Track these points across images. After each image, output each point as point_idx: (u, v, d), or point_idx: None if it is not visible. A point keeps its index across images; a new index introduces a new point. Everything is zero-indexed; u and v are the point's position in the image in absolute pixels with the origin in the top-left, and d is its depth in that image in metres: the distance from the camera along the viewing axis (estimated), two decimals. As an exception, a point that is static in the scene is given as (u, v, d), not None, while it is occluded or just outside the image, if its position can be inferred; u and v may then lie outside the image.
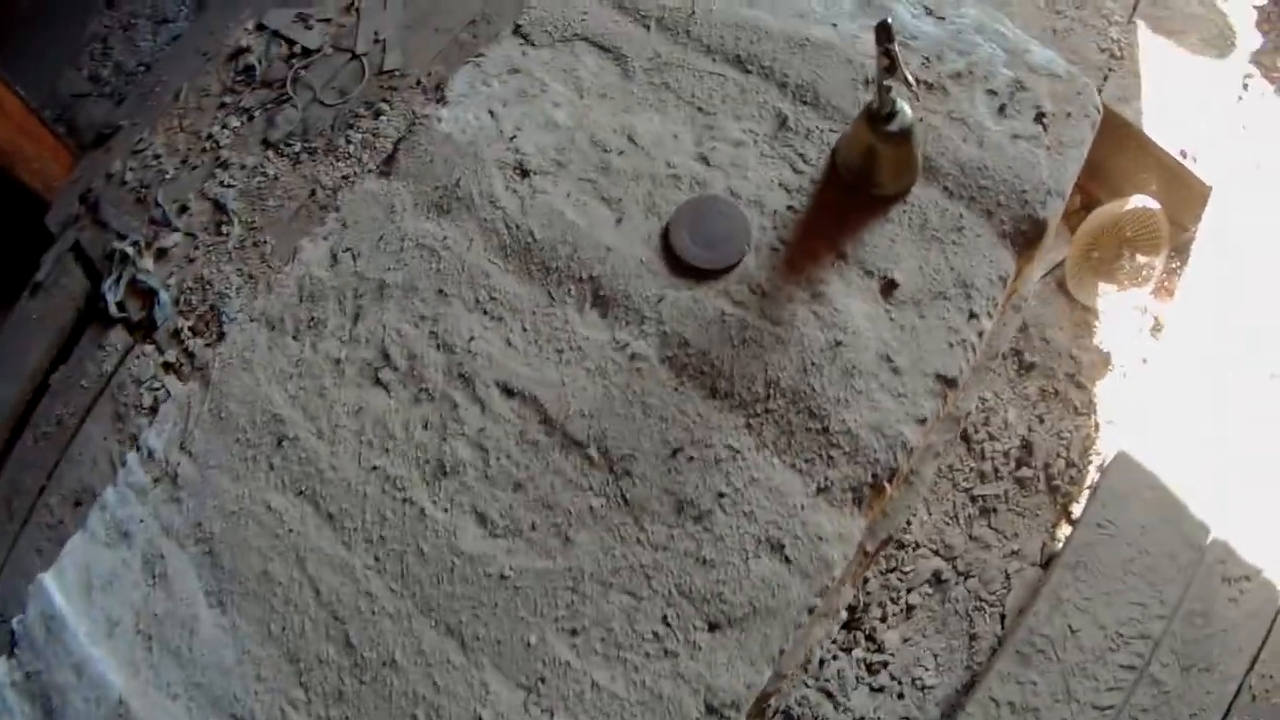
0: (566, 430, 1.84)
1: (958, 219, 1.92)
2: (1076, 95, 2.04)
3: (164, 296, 3.44)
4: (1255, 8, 3.24)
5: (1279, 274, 2.86)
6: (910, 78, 1.72)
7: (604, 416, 1.84)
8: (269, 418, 1.93)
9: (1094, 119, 2.04)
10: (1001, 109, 2.02)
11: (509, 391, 1.88)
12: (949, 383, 1.81)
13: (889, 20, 1.62)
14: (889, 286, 1.88)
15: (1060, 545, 2.69)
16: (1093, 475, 2.84)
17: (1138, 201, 2.99)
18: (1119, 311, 3.10)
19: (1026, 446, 2.89)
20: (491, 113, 2.15)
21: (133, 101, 4.11)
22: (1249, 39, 3.21)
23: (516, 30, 2.26)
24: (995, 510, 2.83)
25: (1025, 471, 2.87)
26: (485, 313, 1.95)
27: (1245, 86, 3.20)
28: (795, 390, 1.81)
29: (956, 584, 2.75)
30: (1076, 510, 2.78)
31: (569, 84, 2.18)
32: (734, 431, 1.80)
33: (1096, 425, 2.94)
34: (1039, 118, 2.01)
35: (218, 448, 1.93)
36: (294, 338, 2.01)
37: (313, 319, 2.02)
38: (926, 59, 2.07)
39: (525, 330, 1.93)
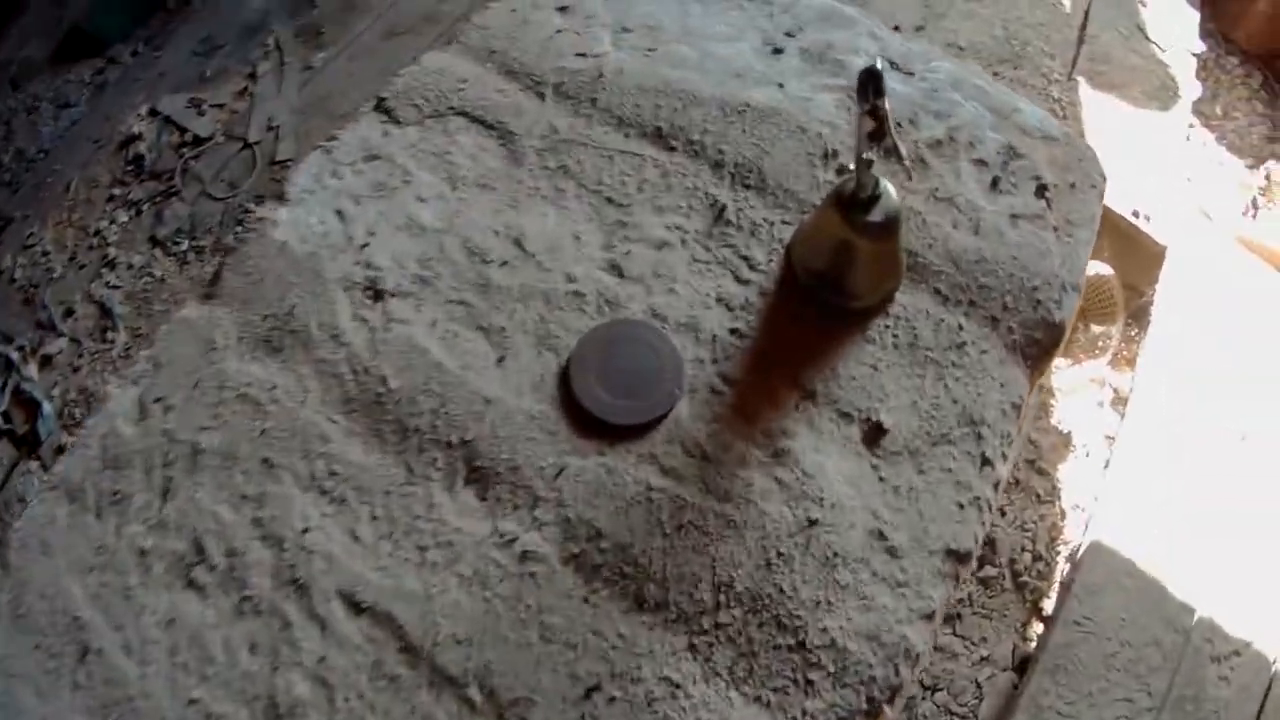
0: (436, 662, 1.12)
1: (956, 331, 1.28)
2: (1079, 162, 1.46)
3: (48, 409, 2.73)
4: (1194, 55, 2.70)
5: (1239, 328, 2.42)
6: (903, 147, 1.01)
7: (487, 642, 1.13)
8: (70, 621, 1.24)
9: (1100, 189, 1.47)
10: (994, 183, 1.39)
11: (355, 606, 1.15)
12: (961, 558, 1.17)
13: (878, 66, 0.92)
14: (875, 433, 1.22)
15: (1033, 645, 2.18)
16: (1062, 567, 2.30)
17: (1090, 269, 2.37)
18: (1076, 387, 2.56)
19: (989, 543, 2.32)
20: (340, 213, 1.41)
21: (26, 192, 3.36)
22: (1190, 89, 2.69)
23: (379, 105, 1.53)
24: (960, 616, 2.26)
25: (989, 570, 2.30)
26: (323, 493, 1.22)
27: (1187, 137, 2.75)
28: (756, 593, 1.13)
29: (923, 699, 2.18)
30: (1047, 605, 2.24)
31: (439, 172, 1.45)
32: (671, 657, 1.11)
33: (1062, 512, 2.39)
34: (1040, 191, 1.41)
35: (19, 651, 1.24)
36: (96, 516, 1.30)
37: (116, 493, 1.30)
38: (899, 124, 1.38)
39: (375, 519, 1.19)
